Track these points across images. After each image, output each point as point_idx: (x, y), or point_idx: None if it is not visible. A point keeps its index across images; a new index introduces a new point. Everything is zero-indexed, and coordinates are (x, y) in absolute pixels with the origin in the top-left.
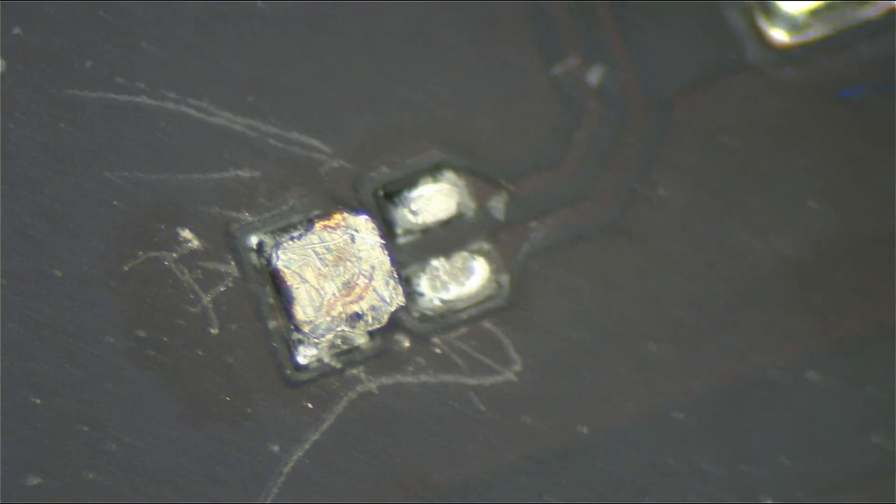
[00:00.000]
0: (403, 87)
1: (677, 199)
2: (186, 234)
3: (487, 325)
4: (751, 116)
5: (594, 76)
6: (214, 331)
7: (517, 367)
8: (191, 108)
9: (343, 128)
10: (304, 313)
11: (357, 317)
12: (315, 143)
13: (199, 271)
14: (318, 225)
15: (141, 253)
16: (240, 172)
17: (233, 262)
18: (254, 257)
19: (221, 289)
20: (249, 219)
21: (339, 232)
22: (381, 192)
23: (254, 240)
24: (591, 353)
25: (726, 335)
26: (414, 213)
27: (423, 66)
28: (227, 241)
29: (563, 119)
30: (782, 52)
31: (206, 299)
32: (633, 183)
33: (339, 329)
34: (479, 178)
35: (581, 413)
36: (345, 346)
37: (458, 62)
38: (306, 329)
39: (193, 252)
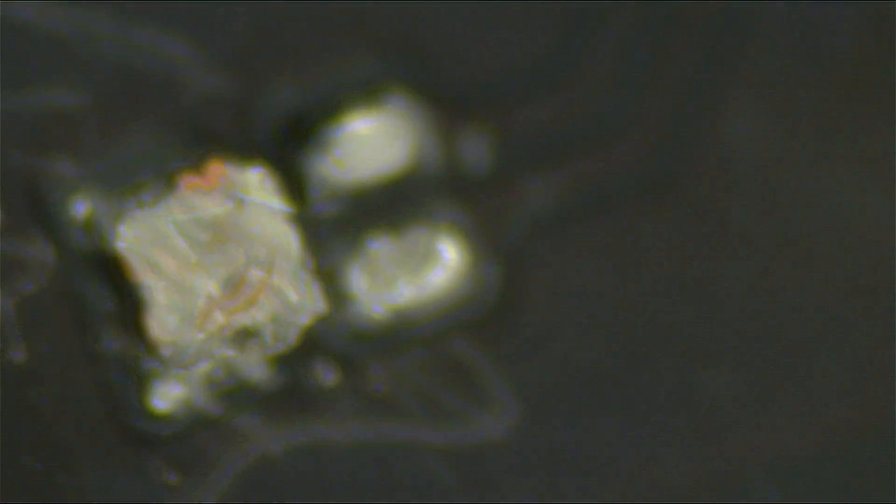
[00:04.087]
0: None
1: (759, 140)
2: None
3: (461, 345)
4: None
5: None
6: (17, 357)
7: (508, 415)
8: None
9: (224, 21)
10: (163, 328)
11: (249, 334)
12: (179, 46)
13: None
14: (185, 183)
15: None
16: (56, 95)
17: (46, 245)
18: (80, 235)
19: (27, 288)
20: (72, 172)
21: (217, 195)
22: (286, 130)
23: (81, 208)
24: (622, 388)
25: (835, 359)
26: (341, 163)
27: None
28: (34, 211)
29: (577, 12)
30: None
31: (4, 305)
32: (687, 113)
33: (219, 353)
34: (447, 105)
35: (610, 485)
36: (231, 382)
37: None
38: (167, 354)
39: None
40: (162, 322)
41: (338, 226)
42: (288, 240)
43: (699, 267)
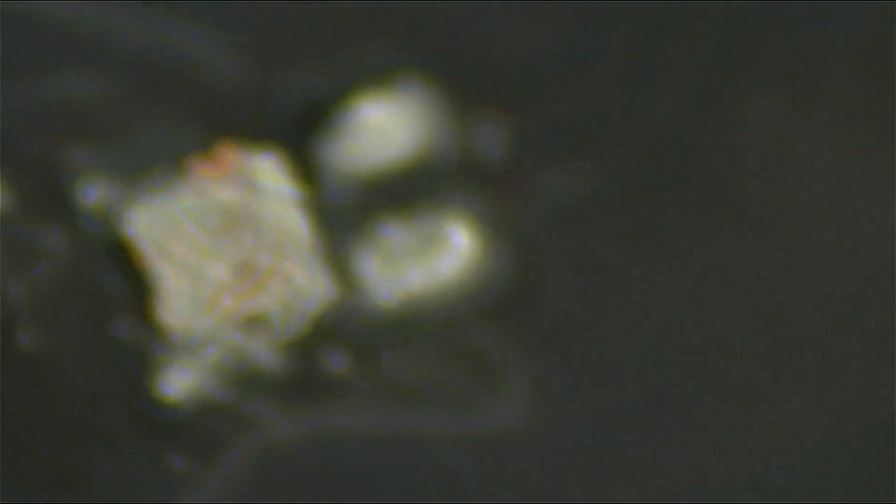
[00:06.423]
0: None
1: (770, 124)
2: None
3: (474, 333)
4: None
5: None
6: (27, 343)
7: (522, 403)
8: None
9: (239, 10)
10: (173, 313)
11: (259, 319)
12: (196, 33)
13: (4, 245)
14: (197, 170)
15: None
16: (71, 84)
17: (59, 230)
18: (92, 221)
19: (39, 274)
20: (86, 159)
21: (228, 182)
22: (300, 116)
23: (93, 194)
24: (639, 378)
25: (844, 349)
26: (356, 149)
27: None
28: (47, 197)
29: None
30: None
31: (15, 292)
32: (701, 101)
33: (229, 339)
34: (462, 92)
35: (622, 478)
36: (240, 368)
37: None
38: (177, 339)
39: None
40: (172, 307)
41: (350, 212)
42: (298, 226)
43: (716, 253)
